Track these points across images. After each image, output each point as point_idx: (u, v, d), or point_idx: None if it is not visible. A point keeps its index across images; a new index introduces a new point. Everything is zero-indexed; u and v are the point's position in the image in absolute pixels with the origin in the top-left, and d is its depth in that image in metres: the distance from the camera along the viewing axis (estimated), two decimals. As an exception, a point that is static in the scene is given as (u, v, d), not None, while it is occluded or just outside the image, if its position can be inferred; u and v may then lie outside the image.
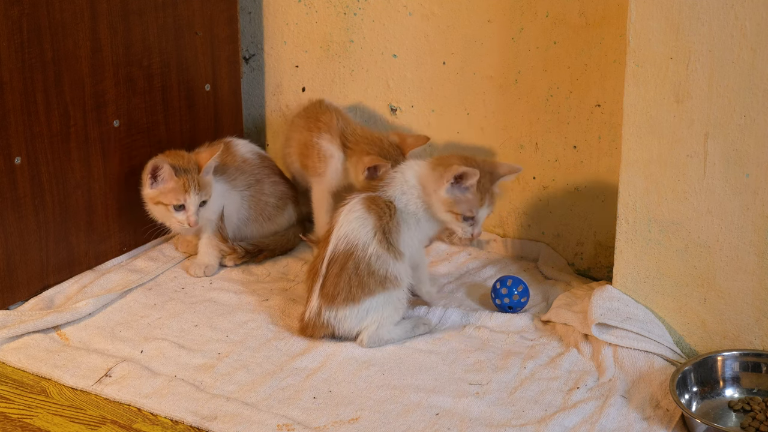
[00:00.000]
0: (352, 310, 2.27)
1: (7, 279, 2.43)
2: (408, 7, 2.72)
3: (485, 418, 2.08)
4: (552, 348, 2.32)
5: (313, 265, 2.34)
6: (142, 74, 2.64)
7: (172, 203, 2.51)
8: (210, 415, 2.09)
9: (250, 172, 2.71)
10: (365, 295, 2.27)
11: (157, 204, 2.54)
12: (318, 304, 2.29)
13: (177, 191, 2.50)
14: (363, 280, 2.26)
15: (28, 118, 2.40)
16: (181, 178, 2.50)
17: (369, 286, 2.27)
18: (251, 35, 2.99)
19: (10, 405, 2.14)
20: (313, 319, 2.30)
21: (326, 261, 2.28)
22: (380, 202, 2.31)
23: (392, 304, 2.30)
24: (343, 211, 2.31)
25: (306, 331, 2.33)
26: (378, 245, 2.28)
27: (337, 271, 2.27)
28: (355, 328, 2.30)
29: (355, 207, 2.30)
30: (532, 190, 2.70)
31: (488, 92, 2.68)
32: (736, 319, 2.20)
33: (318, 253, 2.34)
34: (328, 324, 2.29)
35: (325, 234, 2.35)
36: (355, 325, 2.29)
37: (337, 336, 2.32)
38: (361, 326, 2.29)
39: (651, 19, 2.11)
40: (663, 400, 2.12)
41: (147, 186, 2.55)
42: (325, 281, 2.28)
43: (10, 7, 2.31)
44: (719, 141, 2.11)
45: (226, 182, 2.64)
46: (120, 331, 2.38)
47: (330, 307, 2.28)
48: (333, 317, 2.28)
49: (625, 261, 2.29)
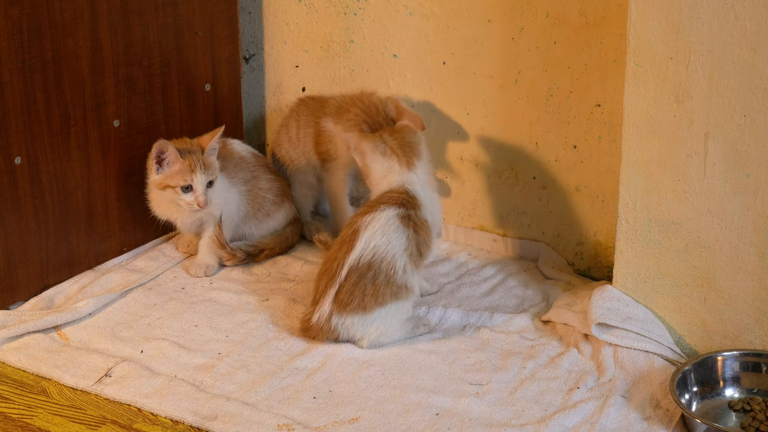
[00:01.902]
0: (362, 318, 2.26)
1: (7, 279, 2.43)
2: (408, 7, 2.72)
3: (485, 418, 2.08)
4: (552, 348, 2.32)
5: (329, 267, 2.29)
6: (142, 74, 2.64)
7: (180, 184, 2.50)
8: (210, 415, 2.09)
9: (247, 168, 2.71)
10: (377, 306, 2.25)
11: (164, 188, 2.52)
12: (330, 309, 2.27)
13: (183, 172, 2.50)
14: (379, 290, 2.25)
15: (28, 118, 2.40)
16: (187, 159, 2.49)
17: (384, 296, 2.25)
18: (251, 35, 2.99)
19: (10, 405, 2.14)
20: (321, 324, 2.28)
21: (347, 268, 2.25)
22: (414, 217, 2.29)
23: (400, 314, 2.30)
24: (379, 220, 2.27)
25: (308, 332, 2.32)
26: (408, 258, 2.27)
27: (355, 280, 2.24)
28: (359, 335, 2.29)
29: (392, 220, 2.27)
30: (532, 190, 2.70)
31: (488, 92, 2.68)
32: (736, 319, 2.20)
33: (335, 255, 2.29)
34: (334, 329, 2.28)
35: (346, 235, 2.30)
36: (359, 332, 2.28)
37: (339, 340, 2.31)
38: (365, 333, 2.29)
39: (651, 19, 2.11)
40: (663, 400, 2.12)
41: (153, 172, 2.54)
42: (341, 288, 2.25)
43: (10, 7, 2.31)
44: (719, 141, 2.11)
45: (225, 178, 2.64)
46: (120, 331, 2.38)
47: (341, 314, 2.26)
48: (341, 324, 2.27)
49: (625, 261, 2.29)
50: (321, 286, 2.29)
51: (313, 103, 2.78)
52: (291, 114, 2.82)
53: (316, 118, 2.72)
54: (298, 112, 2.79)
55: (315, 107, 2.75)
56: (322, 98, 2.78)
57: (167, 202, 2.56)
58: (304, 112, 2.77)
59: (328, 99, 2.73)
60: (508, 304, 2.51)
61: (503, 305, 2.50)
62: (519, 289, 2.57)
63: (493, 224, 2.78)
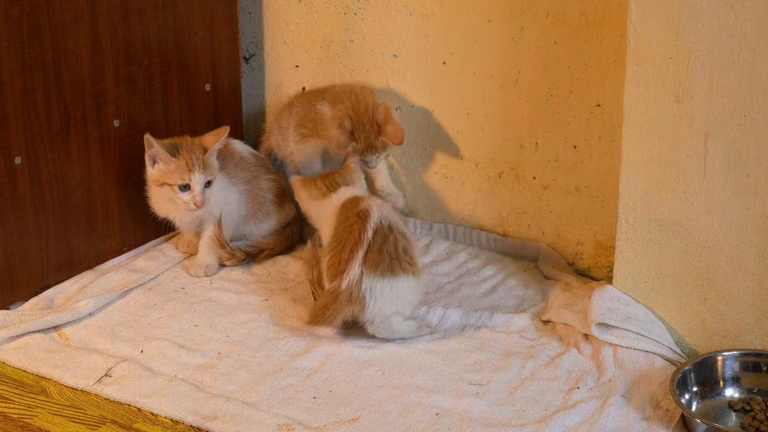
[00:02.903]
0: (390, 283, 2.25)
1: (7, 279, 2.43)
2: (408, 7, 2.72)
3: (485, 418, 2.08)
4: (552, 348, 2.32)
5: (348, 237, 2.27)
6: (142, 74, 2.64)
7: (177, 183, 2.50)
8: (210, 414, 2.09)
9: (247, 168, 2.71)
10: (402, 271, 2.26)
11: (162, 185, 2.52)
12: (360, 272, 2.24)
13: (181, 170, 2.49)
14: (400, 255, 2.27)
15: (28, 118, 2.40)
16: (183, 157, 2.49)
17: (404, 263, 2.27)
18: (251, 35, 2.99)
19: (10, 405, 2.14)
20: (351, 288, 2.24)
21: (371, 230, 2.26)
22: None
23: (416, 292, 2.31)
24: (376, 201, 2.34)
25: (326, 313, 2.26)
26: (406, 230, 2.33)
27: (380, 241, 2.26)
28: (387, 309, 2.26)
29: (384, 204, 2.34)
30: (532, 190, 2.70)
31: (488, 92, 2.68)
32: (736, 318, 2.20)
33: (350, 229, 2.29)
34: (363, 296, 2.24)
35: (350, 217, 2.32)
36: (388, 303, 2.26)
37: (355, 320, 2.29)
38: (391, 305, 2.26)
39: (651, 19, 2.11)
40: (663, 399, 2.12)
41: (149, 166, 2.54)
42: (370, 248, 2.25)
43: (10, 7, 2.31)
44: (719, 141, 2.11)
45: (225, 177, 2.64)
46: (120, 331, 2.38)
47: (372, 275, 2.24)
48: (370, 288, 2.24)
49: (625, 261, 2.29)
50: (344, 254, 2.26)
51: (310, 93, 2.80)
52: (285, 107, 2.84)
53: (311, 101, 2.74)
54: (292, 104, 2.81)
55: (312, 95, 2.77)
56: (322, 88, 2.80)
57: (165, 200, 2.56)
58: (299, 102, 2.79)
59: (331, 87, 2.76)
60: (508, 304, 2.51)
61: (503, 305, 2.50)
62: (519, 289, 2.57)
63: (493, 224, 2.78)
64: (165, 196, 2.54)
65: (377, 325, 2.29)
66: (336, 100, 2.66)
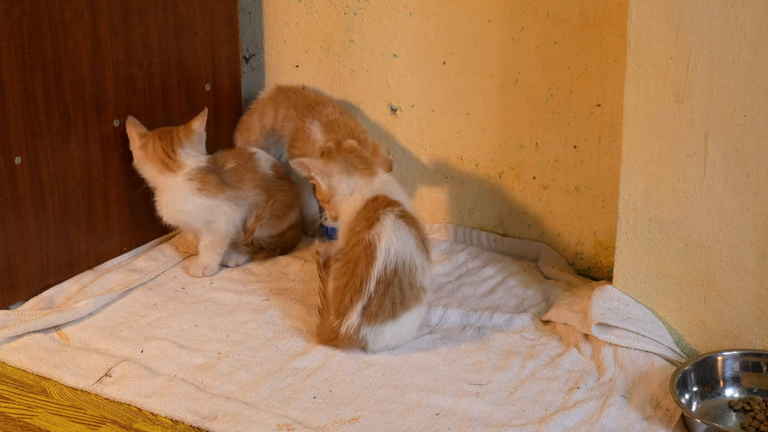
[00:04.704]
0: (391, 326, 2.25)
1: (7, 279, 2.43)
2: (408, 7, 2.72)
3: (485, 418, 2.08)
4: (552, 348, 2.32)
5: (350, 282, 2.24)
6: (142, 74, 2.64)
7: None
8: (210, 414, 2.09)
9: (264, 187, 2.67)
10: (404, 310, 2.25)
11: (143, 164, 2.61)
12: (359, 321, 2.24)
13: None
14: (405, 295, 2.24)
15: (28, 118, 2.40)
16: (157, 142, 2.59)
17: (409, 300, 2.24)
18: (251, 35, 2.99)
19: (10, 405, 2.14)
20: (350, 334, 2.25)
21: (374, 280, 2.22)
22: (407, 213, 2.28)
23: (420, 317, 2.30)
24: (387, 227, 2.24)
25: (332, 342, 2.29)
26: (422, 255, 2.26)
27: (383, 290, 2.22)
28: (387, 342, 2.27)
29: (396, 222, 2.24)
30: (532, 190, 2.70)
31: (488, 92, 2.68)
32: (736, 318, 2.20)
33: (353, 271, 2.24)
34: (363, 339, 2.26)
35: (357, 252, 2.25)
36: (388, 339, 2.27)
37: (364, 350, 2.29)
38: (392, 338, 2.27)
39: (651, 18, 2.11)
40: (663, 399, 2.12)
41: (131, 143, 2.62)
42: (371, 301, 2.23)
43: (10, 7, 2.31)
44: (719, 141, 2.11)
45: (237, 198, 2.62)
46: (120, 331, 2.38)
47: (371, 325, 2.24)
48: (369, 333, 2.25)
49: (625, 261, 2.29)
50: (345, 300, 2.24)
51: (299, 103, 2.77)
52: (269, 102, 2.81)
53: (302, 116, 2.72)
54: (277, 103, 2.79)
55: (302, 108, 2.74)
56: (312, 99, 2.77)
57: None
58: (288, 112, 2.77)
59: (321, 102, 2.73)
60: (508, 304, 2.51)
61: (503, 305, 2.50)
62: (519, 289, 2.57)
63: (493, 224, 2.78)
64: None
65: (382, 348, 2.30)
66: (330, 126, 2.64)
